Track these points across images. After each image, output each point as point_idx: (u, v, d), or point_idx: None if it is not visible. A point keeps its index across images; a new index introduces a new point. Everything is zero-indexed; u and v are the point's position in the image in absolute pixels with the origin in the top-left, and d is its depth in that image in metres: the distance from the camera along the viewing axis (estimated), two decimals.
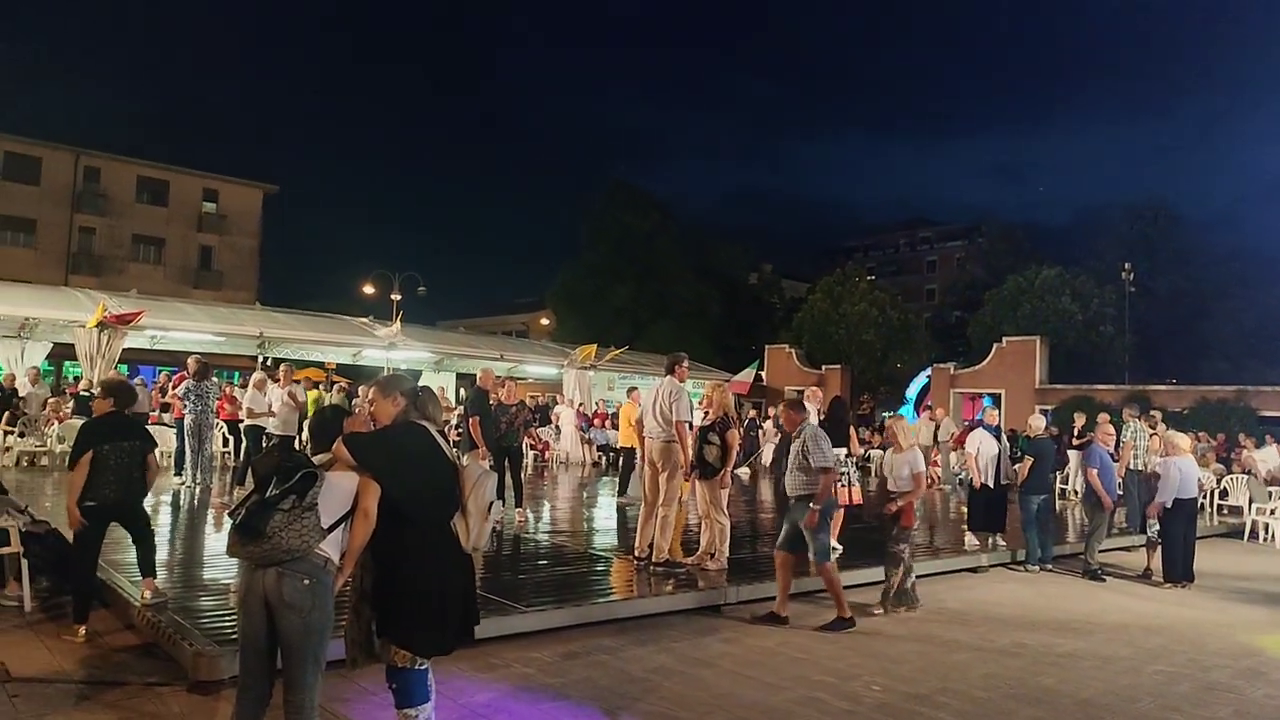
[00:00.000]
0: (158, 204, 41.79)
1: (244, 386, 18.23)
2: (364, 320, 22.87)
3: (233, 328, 19.12)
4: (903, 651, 6.00)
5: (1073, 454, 16.26)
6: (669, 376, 7.91)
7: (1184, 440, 9.75)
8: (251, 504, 3.13)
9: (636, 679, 5.12)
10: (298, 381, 13.25)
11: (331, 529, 3.23)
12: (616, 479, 12.99)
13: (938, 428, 18.78)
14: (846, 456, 9.23)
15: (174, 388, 12.90)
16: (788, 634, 6.30)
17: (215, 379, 13.22)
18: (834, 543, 8.97)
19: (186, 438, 11.77)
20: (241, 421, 14.71)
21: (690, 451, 7.67)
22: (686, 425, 7.64)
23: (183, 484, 11.76)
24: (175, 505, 10.63)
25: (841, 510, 9.15)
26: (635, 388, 14.60)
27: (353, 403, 16.81)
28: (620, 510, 11.81)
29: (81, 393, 15.12)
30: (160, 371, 17.79)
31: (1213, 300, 34.15)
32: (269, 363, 18.29)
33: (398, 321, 21.50)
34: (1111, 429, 10.37)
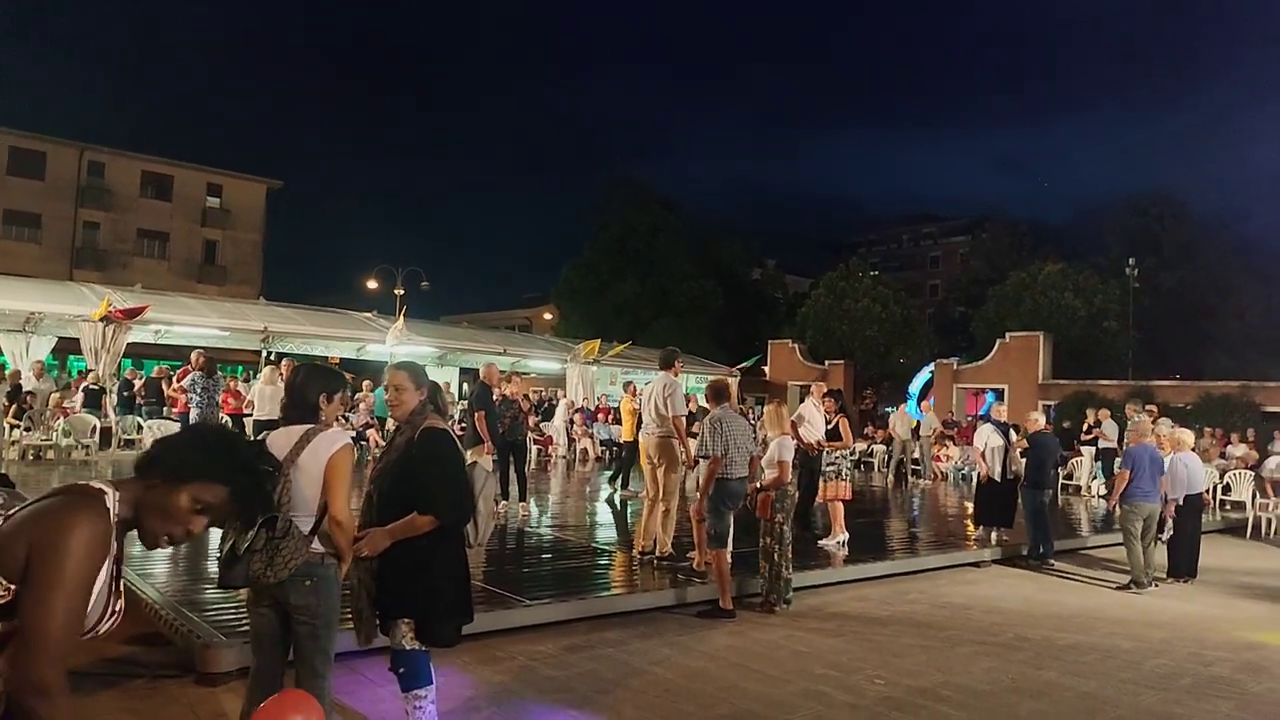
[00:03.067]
0: (162, 199, 41.88)
1: (247, 381, 18.32)
2: (368, 315, 22.92)
3: (237, 322, 19.16)
4: (905, 645, 6.02)
5: (1085, 450, 16.29)
6: (664, 372, 7.99)
7: (1188, 436, 9.74)
8: (224, 555, 3.03)
9: (640, 671, 5.14)
10: None
11: (317, 525, 3.15)
12: (619, 474, 13.00)
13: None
14: (835, 451, 9.29)
15: (178, 381, 12.93)
16: (792, 628, 6.33)
17: (220, 374, 13.26)
18: (842, 535, 9.05)
19: None
20: (248, 416, 14.80)
21: (690, 445, 7.72)
22: (683, 419, 7.71)
23: None
24: None
25: (840, 505, 9.22)
26: (631, 382, 14.64)
27: (355, 397, 16.87)
28: (622, 504, 11.83)
29: (90, 386, 15.16)
30: (157, 365, 17.79)
31: (1217, 296, 34.07)
32: (273, 357, 18.32)
33: (401, 318, 21.53)
34: (1146, 427, 9.55)
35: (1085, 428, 16.51)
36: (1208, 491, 13.18)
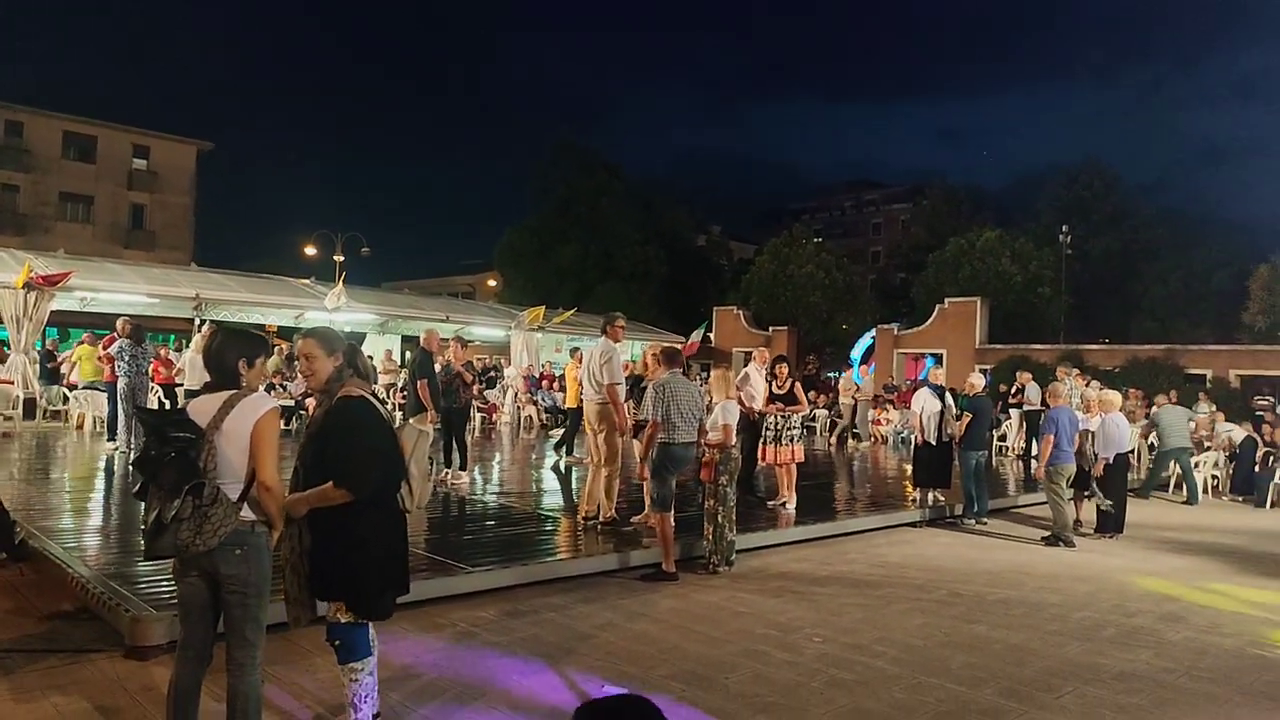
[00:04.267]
0: (85, 160, 40.19)
1: (179, 350, 17.78)
2: (305, 281, 22.38)
3: (167, 289, 18.54)
4: (844, 604, 6.15)
5: (1013, 411, 16.73)
6: (603, 338, 7.94)
7: (1116, 397, 10.08)
8: (150, 525, 2.95)
9: (582, 635, 5.16)
10: None
11: (245, 492, 3.08)
12: (564, 440, 12.97)
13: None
14: (794, 414, 9.41)
15: (104, 349, 12.49)
16: (734, 589, 6.41)
17: (149, 342, 12.83)
18: (790, 499, 9.20)
19: (120, 401, 11.44)
20: (179, 385, 14.38)
21: (625, 412, 7.73)
22: (619, 388, 7.68)
23: (116, 449, 11.45)
24: (109, 471, 10.35)
25: (789, 468, 9.35)
26: (578, 349, 14.60)
27: (294, 365, 16.51)
28: (567, 470, 11.83)
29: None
30: (85, 334, 17.15)
31: (1143, 262, 35.20)
32: (205, 325, 17.81)
33: (340, 284, 21.08)
34: (1060, 389, 10.08)
35: (1011, 391, 16.98)
36: (1133, 451, 13.71)
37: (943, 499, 10.12)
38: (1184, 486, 13.13)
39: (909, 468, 12.02)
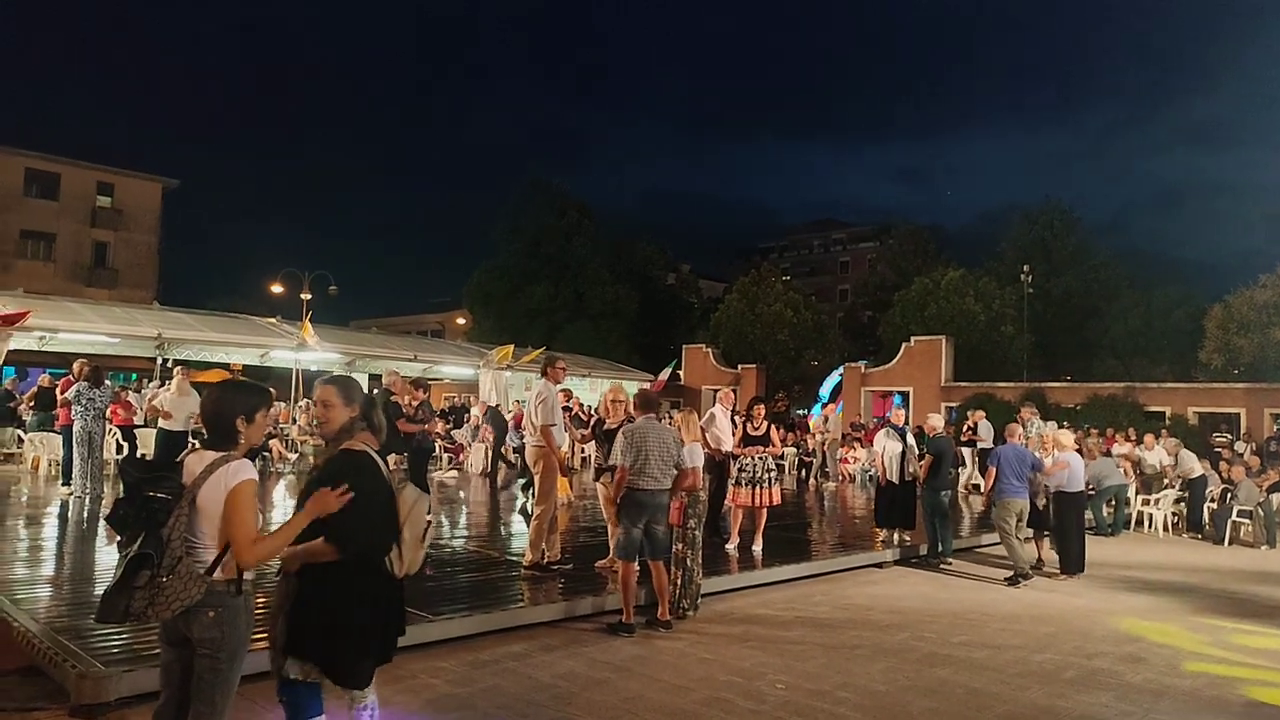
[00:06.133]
0: (48, 198, 39.67)
1: (139, 390, 17.51)
2: (271, 320, 22.19)
3: (128, 328, 18.31)
4: (808, 648, 6.14)
5: (965, 450, 16.92)
6: (542, 379, 7.96)
7: (1067, 436, 10.26)
8: (109, 587, 2.88)
9: (544, 686, 5.10)
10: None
11: (220, 556, 2.98)
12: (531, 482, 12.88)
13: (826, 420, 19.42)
14: (759, 455, 9.41)
15: (61, 392, 12.26)
16: (698, 635, 6.38)
17: (110, 383, 12.61)
18: (755, 544, 9.16)
19: (75, 445, 11.20)
20: (139, 427, 14.15)
21: (561, 454, 7.76)
22: (553, 429, 7.71)
23: (71, 494, 11.18)
24: (63, 517, 10.11)
25: (763, 510, 9.35)
26: (569, 390, 14.60)
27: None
28: (526, 514, 11.71)
29: None
30: (45, 373, 16.83)
31: (1103, 300, 35.88)
32: (168, 364, 17.56)
33: (307, 323, 20.91)
34: (1014, 428, 10.19)
35: (964, 429, 17.20)
36: (1135, 491, 14.03)
37: (909, 539, 10.17)
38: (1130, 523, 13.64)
39: (875, 507, 12.07)
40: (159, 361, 19.17)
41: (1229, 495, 13.39)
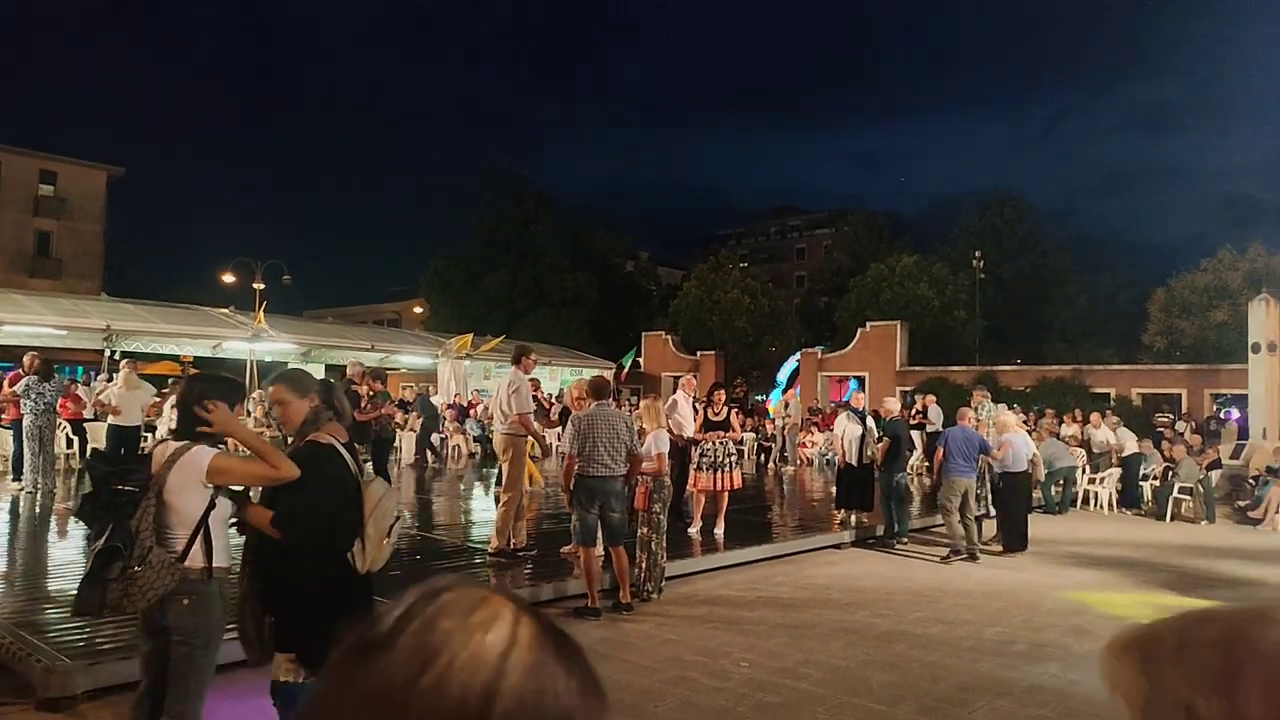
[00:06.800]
0: None
1: (87, 384, 17.15)
2: (224, 310, 21.83)
3: (75, 320, 17.88)
4: (770, 627, 6.30)
5: (915, 433, 17.28)
6: (514, 368, 8.05)
7: (1010, 417, 10.59)
8: (82, 579, 2.92)
9: None
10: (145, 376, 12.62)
11: (190, 544, 3.03)
12: (494, 470, 12.91)
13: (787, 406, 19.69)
14: (720, 440, 9.55)
15: (9, 386, 11.97)
16: (662, 616, 6.50)
17: (58, 377, 12.35)
18: (717, 527, 9.31)
19: (25, 440, 10.98)
20: (89, 421, 13.88)
21: (544, 438, 7.87)
22: (529, 415, 7.83)
23: (22, 489, 10.96)
24: (15, 513, 9.92)
25: (725, 494, 9.50)
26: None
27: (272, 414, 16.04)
28: (497, 500, 11.76)
29: None
30: None
31: (1053, 285, 36.75)
32: (117, 356, 17.21)
33: (261, 313, 20.62)
34: (966, 411, 10.56)
35: (913, 413, 17.58)
36: (1081, 470, 14.42)
37: (866, 520, 10.40)
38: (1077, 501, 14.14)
39: (833, 490, 12.31)
40: (106, 354, 18.77)
41: (1170, 473, 13.85)
